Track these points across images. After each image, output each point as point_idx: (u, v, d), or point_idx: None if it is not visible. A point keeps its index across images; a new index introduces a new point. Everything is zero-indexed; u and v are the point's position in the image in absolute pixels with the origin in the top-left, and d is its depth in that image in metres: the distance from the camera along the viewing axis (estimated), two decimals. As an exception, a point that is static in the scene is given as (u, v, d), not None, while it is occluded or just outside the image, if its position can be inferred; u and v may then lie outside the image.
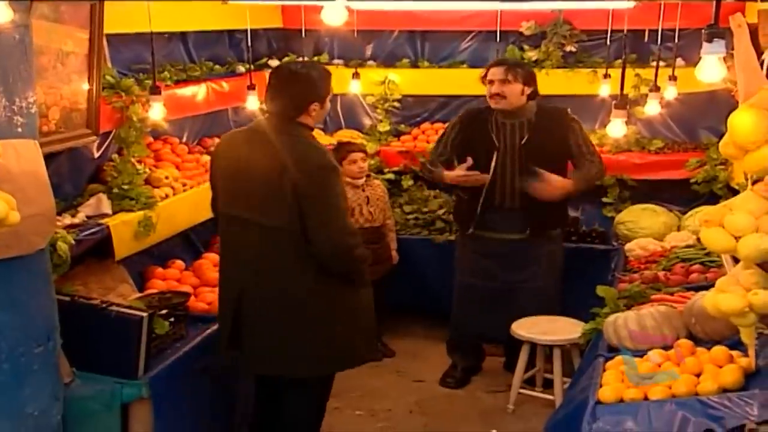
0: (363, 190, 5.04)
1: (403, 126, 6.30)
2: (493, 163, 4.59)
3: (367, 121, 6.37)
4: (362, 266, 3.47)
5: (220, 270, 3.59)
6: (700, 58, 2.62)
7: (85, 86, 3.69)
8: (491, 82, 4.59)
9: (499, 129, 4.64)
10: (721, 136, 2.56)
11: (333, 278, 3.38)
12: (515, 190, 4.61)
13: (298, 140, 3.31)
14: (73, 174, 3.95)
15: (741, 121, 2.34)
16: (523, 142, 4.58)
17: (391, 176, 5.95)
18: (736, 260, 2.64)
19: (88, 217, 3.74)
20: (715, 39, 2.30)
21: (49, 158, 3.23)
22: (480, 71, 4.75)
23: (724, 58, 2.46)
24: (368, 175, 5.16)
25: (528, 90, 4.59)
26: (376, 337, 5.25)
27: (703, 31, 2.36)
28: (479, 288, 4.82)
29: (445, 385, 5.01)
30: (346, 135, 6.14)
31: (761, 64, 2.63)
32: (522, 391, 4.59)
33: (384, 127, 6.20)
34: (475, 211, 4.67)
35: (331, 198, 3.28)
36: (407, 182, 5.99)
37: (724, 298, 2.53)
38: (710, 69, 2.48)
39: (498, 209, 4.66)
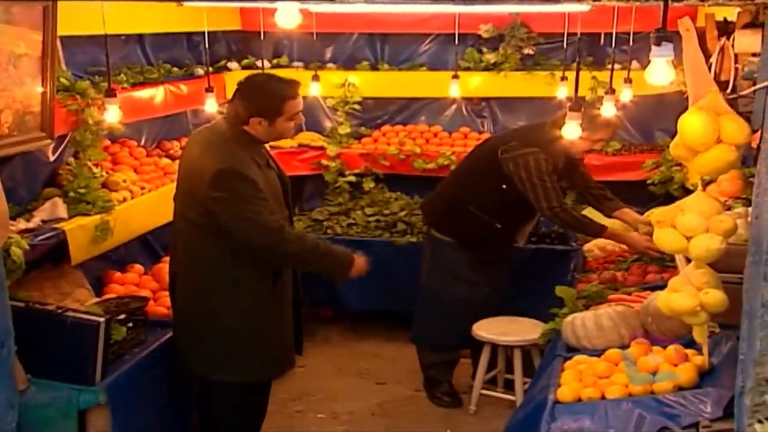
0: None
1: (363, 128, 6.31)
2: None
3: (327, 124, 6.36)
4: (297, 263, 3.51)
5: None
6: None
7: (39, 89, 3.64)
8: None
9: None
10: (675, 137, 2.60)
11: (250, 287, 3.39)
12: None
13: (222, 144, 3.36)
14: (27, 178, 3.88)
15: (690, 124, 2.38)
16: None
17: (352, 179, 5.97)
18: (689, 260, 2.68)
19: (44, 222, 3.69)
20: (663, 42, 2.33)
21: (2, 162, 3.19)
22: (439, 73, 4.67)
23: (673, 62, 2.50)
24: None
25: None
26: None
27: (651, 34, 2.39)
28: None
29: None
30: (306, 137, 6.13)
31: (709, 68, 2.69)
32: (484, 392, 4.61)
33: (344, 129, 6.20)
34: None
35: (230, 199, 3.26)
36: (368, 185, 5.99)
37: (677, 297, 2.58)
38: (659, 72, 2.51)
39: None
